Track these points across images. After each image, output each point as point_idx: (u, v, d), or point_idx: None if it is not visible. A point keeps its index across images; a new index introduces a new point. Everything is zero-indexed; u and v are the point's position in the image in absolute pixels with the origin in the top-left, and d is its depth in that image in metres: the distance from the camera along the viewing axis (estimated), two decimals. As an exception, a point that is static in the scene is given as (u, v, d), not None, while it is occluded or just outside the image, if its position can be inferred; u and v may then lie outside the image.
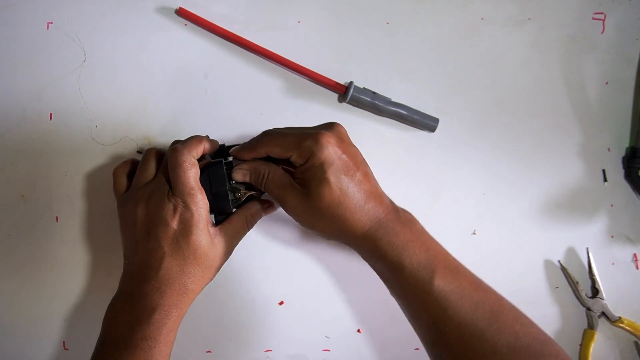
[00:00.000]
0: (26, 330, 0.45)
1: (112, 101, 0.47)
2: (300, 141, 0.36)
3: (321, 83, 0.49)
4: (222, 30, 0.48)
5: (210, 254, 0.38)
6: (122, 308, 0.37)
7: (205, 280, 0.39)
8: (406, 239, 0.36)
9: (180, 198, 0.37)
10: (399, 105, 0.48)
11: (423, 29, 0.51)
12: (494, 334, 0.34)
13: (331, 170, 0.35)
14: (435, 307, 0.35)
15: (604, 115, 0.52)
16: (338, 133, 0.37)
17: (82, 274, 0.46)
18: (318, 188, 0.36)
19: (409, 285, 0.36)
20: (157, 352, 0.36)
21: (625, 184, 0.52)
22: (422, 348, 0.48)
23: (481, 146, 0.51)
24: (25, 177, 0.46)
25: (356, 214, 0.36)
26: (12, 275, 0.45)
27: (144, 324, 0.36)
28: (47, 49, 0.47)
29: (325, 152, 0.35)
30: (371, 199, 0.37)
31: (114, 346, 0.36)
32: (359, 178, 0.36)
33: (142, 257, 0.38)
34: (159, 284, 0.36)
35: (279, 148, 0.37)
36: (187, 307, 0.38)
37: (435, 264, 0.36)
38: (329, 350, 0.47)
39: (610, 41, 0.53)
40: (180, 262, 0.37)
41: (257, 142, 0.39)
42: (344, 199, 0.36)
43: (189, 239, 0.37)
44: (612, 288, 0.50)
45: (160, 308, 0.36)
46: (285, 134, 0.37)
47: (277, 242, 0.48)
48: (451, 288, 0.35)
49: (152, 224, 0.37)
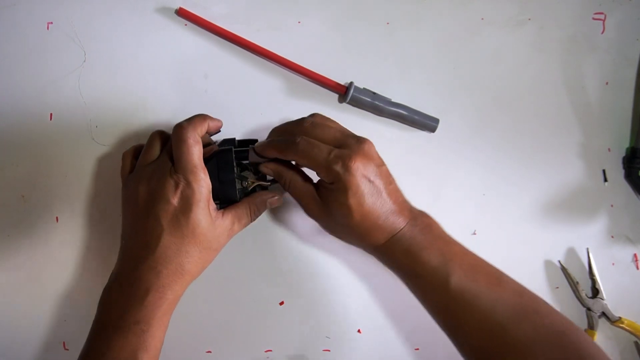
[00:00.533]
0: (26, 330, 0.45)
1: (112, 101, 0.47)
2: (330, 163, 0.36)
3: (321, 83, 0.49)
4: (222, 30, 0.48)
5: (209, 234, 0.38)
6: (116, 289, 0.37)
7: (202, 262, 0.39)
8: (421, 247, 0.37)
9: (182, 174, 0.36)
10: (399, 106, 0.48)
11: (423, 29, 0.51)
12: (514, 328, 0.34)
13: (355, 198, 0.36)
14: (454, 307, 0.36)
15: (604, 115, 0.52)
16: (368, 153, 0.37)
17: (82, 274, 0.46)
18: (339, 211, 0.37)
19: (426, 291, 0.38)
20: (150, 335, 0.35)
21: (626, 184, 0.52)
22: (422, 348, 0.48)
23: (481, 146, 0.51)
24: (25, 177, 0.46)
25: (375, 231, 0.37)
26: (12, 275, 0.45)
27: (137, 306, 0.35)
28: (47, 49, 0.47)
29: (352, 180, 0.35)
30: (392, 216, 0.37)
31: (107, 329, 0.36)
32: (382, 199, 0.37)
33: (139, 236, 0.37)
34: (155, 263, 0.36)
35: (308, 162, 0.37)
36: (182, 289, 0.38)
37: (451, 266, 0.36)
38: (329, 351, 0.47)
39: (610, 41, 0.53)
40: (178, 240, 0.36)
41: (287, 147, 0.38)
42: (363, 221, 0.36)
43: (189, 216, 0.36)
44: (612, 288, 0.50)
45: (154, 289, 0.36)
46: (316, 149, 0.37)
47: (278, 242, 0.48)
48: (467, 287, 0.36)
49: (152, 202, 0.37)
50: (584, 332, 0.36)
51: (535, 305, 0.36)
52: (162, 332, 0.37)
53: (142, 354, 0.35)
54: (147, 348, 0.35)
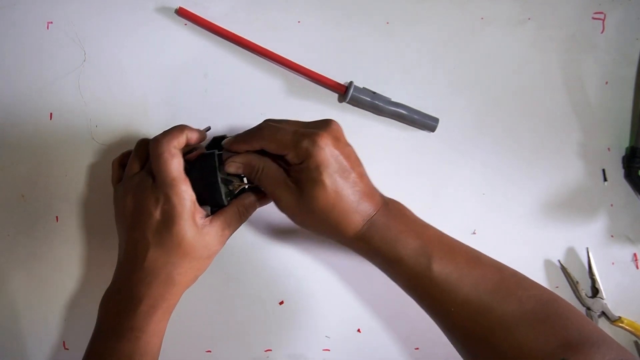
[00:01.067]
0: (26, 330, 0.45)
1: (112, 101, 0.47)
2: (297, 141, 0.35)
3: (321, 83, 0.49)
4: (222, 30, 0.48)
5: (197, 245, 0.37)
6: (112, 297, 0.38)
7: (194, 271, 0.39)
8: (398, 231, 0.36)
9: (161, 189, 0.36)
10: (399, 105, 0.48)
11: (423, 29, 0.51)
12: (498, 306, 0.34)
13: (327, 173, 0.35)
14: (438, 291, 0.35)
15: (604, 115, 0.52)
16: (335, 132, 0.37)
17: (82, 273, 0.46)
18: (313, 190, 0.35)
19: (409, 276, 0.37)
20: (145, 342, 0.36)
21: (625, 183, 0.52)
22: (422, 347, 0.48)
23: (481, 146, 0.51)
24: (25, 177, 0.46)
25: (350, 216, 0.36)
26: (12, 275, 0.45)
27: (131, 314, 0.36)
28: (47, 49, 0.47)
29: (322, 154, 0.35)
30: (364, 198, 0.36)
31: (105, 335, 0.37)
32: (353, 179, 0.36)
33: (129, 248, 0.38)
34: (144, 274, 0.37)
35: (275, 145, 0.37)
36: (176, 298, 0.38)
37: (430, 249, 0.36)
38: (329, 350, 0.47)
39: (610, 41, 0.53)
40: (164, 252, 0.36)
41: (252, 135, 0.38)
42: (339, 201, 0.35)
43: (172, 230, 0.36)
44: (612, 288, 0.50)
45: (146, 299, 0.36)
46: (281, 131, 0.36)
47: (277, 241, 0.48)
48: (449, 270, 0.35)
49: (137, 215, 0.37)
50: (567, 301, 0.36)
51: (516, 279, 0.36)
52: (158, 338, 0.38)
53: (138, 358, 0.36)
54: (143, 353, 0.36)
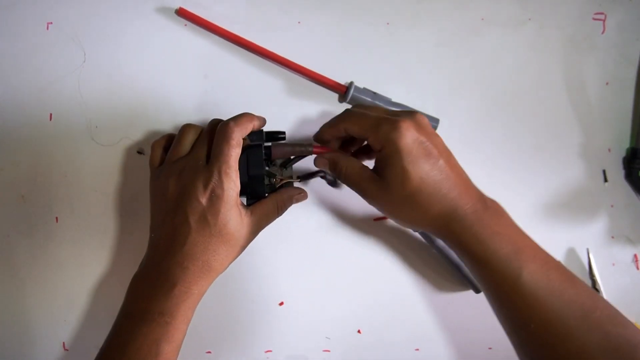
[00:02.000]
0: (26, 330, 0.45)
1: (112, 101, 0.47)
2: (378, 125, 0.35)
3: (321, 83, 0.49)
4: (223, 31, 0.48)
5: (237, 233, 0.38)
6: (144, 280, 0.37)
7: (229, 259, 0.39)
8: (492, 232, 0.35)
9: (216, 173, 0.36)
10: (399, 106, 0.48)
11: (423, 29, 0.51)
12: (583, 335, 0.32)
13: (409, 159, 0.34)
14: (522, 303, 0.34)
15: (604, 115, 0.52)
16: (418, 120, 0.36)
17: (82, 274, 0.46)
18: (396, 177, 0.35)
19: (495, 280, 0.35)
20: (174, 327, 0.36)
21: (626, 184, 0.52)
22: (422, 348, 0.48)
23: (481, 146, 0.51)
24: (25, 177, 0.46)
25: (436, 202, 0.35)
26: (12, 276, 0.45)
27: (163, 298, 0.36)
28: (47, 49, 0.47)
29: (402, 140, 0.34)
30: (455, 187, 0.35)
31: (132, 318, 0.36)
32: (441, 165, 0.35)
33: (168, 231, 0.37)
34: (182, 259, 0.36)
35: (357, 127, 0.37)
36: (208, 285, 0.38)
37: (524, 258, 0.34)
38: (329, 351, 0.47)
39: (610, 41, 0.53)
40: (206, 239, 0.37)
41: (337, 118, 0.39)
42: (424, 186, 0.35)
43: (218, 216, 0.36)
44: (612, 289, 0.50)
45: (181, 284, 0.36)
46: (365, 116, 0.37)
47: (277, 242, 0.48)
48: (540, 284, 0.33)
49: (182, 198, 0.37)
50: None
51: (609, 313, 0.34)
52: (186, 325, 0.37)
53: (165, 344, 0.35)
54: (169, 339, 0.35)
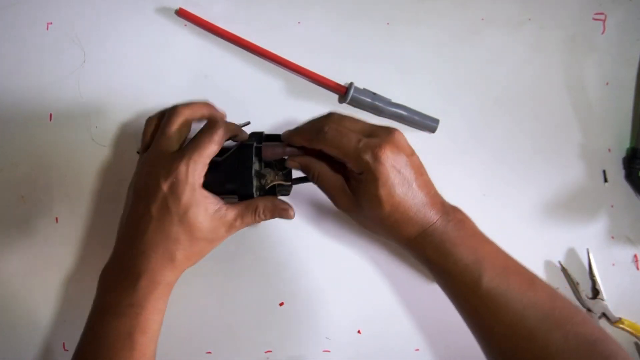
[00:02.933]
0: (26, 330, 0.45)
1: (112, 101, 0.47)
2: (360, 152, 0.36)
3: (321, 84, 0.49)
4: (222, 31, 0.48)
5: (201, 224, 0.37)
6: (112, 271, 0.38)
7: (196, 251, 0.38)
8: (452, 244, 0.36)
9: (184, 160, 0.36)
10: (399, 106, 0.48)
11: (423, 30, 0.51)
12: (543, 336, 0.34)
13: (385, 188, 0.35)
14: (484, 309, 0.35)
15: (604, 115, 0.52)
16: (398, 142, 0.37)
17: (82, 274, 0.46)
18: (369, 203, 0.36)
19: (457, 290, 0.37)
20: (144, 318, 0.36)
21: (626, 184, 0.52)
22: (422, 349, 0.48)
23: (481, 147, 0.51)
24: (25, 177, 0.46)
25: (405, 225, 0.37)
26: (12, 276, 0.45)
27: (131, 290, 0.36)
28: (47, 49, 0.47)
29: (381, 170, 0.35)
30: (422, 207, 0.36)
31: (103, 313, 0.37)
32: (413, 190, 0.36)
33: (132, 220, 0.38)
34: (144, 247, 0.36)
35: (337, 151, 0.37)
36: (174, 276, 0.38)
37: (484, 266, 0.35)
38: (329, 351, 0.47)
39: (610, 42, 0.53)
40: (166, 226, 0.36)
41: (314, 137, 0.38)
42: (393, 212, 0.36)
43: (179, 203, 0.36)
44: (612, 289, 0.50)
45: (145, 273, 0.36)
46: (345, 138, 0.36)
47: (277, 242, 0.48)
48: (499, 290, 0.35)
49: (145, 186, 0.37)
50: (617, 343, 0.35)
51: (568, 312, 0.35)
52: (158, 316, 0.37)
53: (138, 335, 0.35)
54: (143, 330, 0.35)
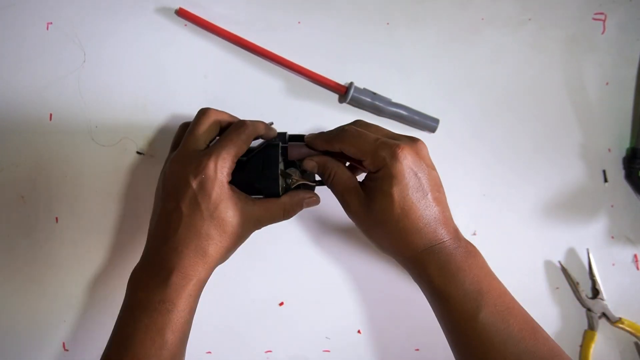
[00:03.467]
0: (26, 330, 0.45)
1: (112, 101, 0.47)
2: (377, 149, 0.35)
3: (321, 83, 0.49)
4: (222, 31, 0.48)
5: (230, 219, 0.37)
6: (143, 270, 0.37)
7: (224, 246, 0.38)
8: (458, 268, 0.34)
9: (212, 157, 0.36)
10: (399, 106, 0.48)
11: (423, 29, 0.51)
12: None
13: (399, 187, 0.34)
14: (477, 344, 0.33)
15: (604, 115, 0.52)
16: (418, 150, 0.36)
17: (82, 274, 0.46)
18: (381, 201, 0.35)
19: (453, 317, 0.35)
20: (176, 315, 0.35)
21: (626, 184, 0.52)
22: (422, 349, 0.48)
23: (481, 147, 0.51)
24: (25, 177, 0.46)
25: (413, 235, 0.35)
26: (12, 276, 0.45)
27: (162, 285, 0.35)
28: (47, 49, 0.47)
29: (398, 167, 0.34)
30: (434, 223, 0.35)
31: (134, 310, 0.36)
32: (427, 201, 0.35)
33: (162, 219, 0.38)
34: (175, 244, 0.36)
35: (355, 149, 0.37)
36: (206, 272, 0.38)
37: (485, 298, 0.34)
38: (329, 351, 0.47)
39: (610, 42, 0.53)
40: (197, 222, 0.36)
41: (334, 136, 0.38)
42: (404, 218, 0.35)
43: (209, 199, 0.36)
44: (612, 289, 0.50)
45: (177, 270, 0.36)
46: (363, 137, 0.36)
47: (278, 242, 0.48)
48: (497, 327, 0.33)
49: (174, 184, 0.37)
50: None
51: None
52: (189, 314, 0.37)
53: (169, 333, 0.35)
54: (173, 328, 0.35)
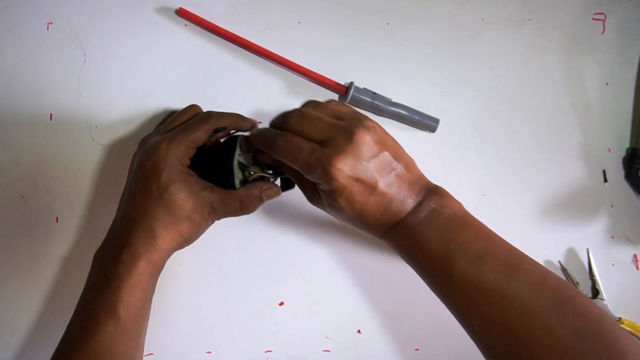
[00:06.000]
0: (26, 330, 0.45)
1: (112, 101, 0.47)
2: (311, 167, 0.33)
3: (321, 83, 0.49)
4: (223, 31, 0.48)
5: (181, 201, 0.37)
6: (102, 248, 0.39)
7: (174, 230, 0.38)
8: (423, 238, 0.34)
9: (167, 139, 0.38)
10: (399, 106, 0.48)
11: (423, 29, 0.51)
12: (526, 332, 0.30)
13: (343, 197, 0.34)
14: (460, 303, 0.34)
15: (604, 115, 0.52)
16: (356, 149, 0.33)
17: (82, 274, 0.46)
18: (332, 208, 0.36)
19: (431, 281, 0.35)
20: (126, 293, 0.36)
21: (626, 184, 0.52)
22: (422, 348, 0.48)
23: (481, 147, 0.51)
24: (25, 177, 0.46)
25: (372, 226, 0.36)
26: (12, 275, 0.45)
27: (114, 263, 0.37)
28: (47, 49, 0.47)
29: (334, 184, 0.33)
30: (392, 206, 0.35)
31: (90, 287, 0.38)
32: (376, 195, 0.34)
33: (122, 199, 0.40)
34: (128, 223, 0.38)
35: (290, 162, 0.35)
36: (158, 254, 0.38)
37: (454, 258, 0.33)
38: (329, 351, 0.47)
39: (610, 42, 0.53)
40: (147, 203, 0.37)
41: (269, 145, 0.36)
42: (358, 217, 0.35)
43: (159, 180, 0.37)
44: (612, 289, 0.50)
45: (127, 248, 0.37)
46: (297, 149, 0.34)
47: (277, 242, 0.48)
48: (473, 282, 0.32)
49: (135, 166, 0.39)
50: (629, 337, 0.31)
51: (555, 299, 0.31)
52: (141, 292, 0.37)
53: (122, 310, 0.36)
54: (126, 305, 0.36)
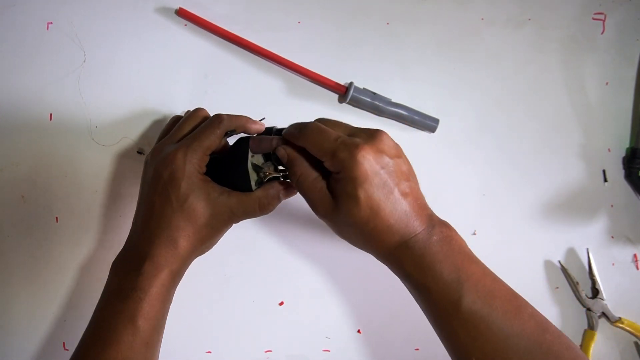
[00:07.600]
0: (26, 330, 0.45)
1: (112, 101, 0.47)
2: (336, 150, 0.34)
3: (321, 83, 0.49)
4: (223, 31, 0.48)
5: (201, 210, 0.37)
6: (121, 258, 0.39)
7: (196, 238, 0.38)
8: (434, 259, 0.33)
9: (183, 148, 0.37)
10: (399, 106, 0.48)
11: (423, 29, 0.51)
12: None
13: (363, 188, 0.33)
14: (463, 334, 0.33)
15: (604, 115, 0.52)
16: (379, 145, 0.34)
17: (82, 274, 0.46)
18: (347, 203, 0.34)
19: (436, 310, 0.34)
20: (147, 304, 0.36)
21: (626, 184, 0.52)
22: (422, 348, 0.48)
23: (481, 146, 0.51)
24: (25, 177, 0.46)
25: (384, 234, 0.34)
26: (12, 276, 0.45)
27: (135, 273, 0.36)
28: (47, 49, 0.47)
29: (358, 169, 0.33)
30: (405, 218, 0.34)
31: (109, 296, 0.37)
32: (395, 196, 0.34)
33: (139, 208, 0.39)
34: (149, 233, 0.37)
35: (315, 148, 0.35)
36: (179, 264, 0.38)
37: (466, 286, 0.33)
38: (329, 351, 0.47)
39: (610, 41, 0.53)
40: (168, 213, 0.37)
41: (299, 132, 0.37)
42: (373, 218, 0.34)
43: (178, 190, 0.37)
44: (612, 288, 0.50)
45: (149, 259, 0.36)
46: (324, 134, 0.35)
47: (278, 242, 0.48)
48: (481, 314, 0.32)
49: (150, 175, 0.38)
50: None
51: (558, 347, 0.32)
52: (162, 303, 0.37)
53: (142, 320, 0.35)
54: (146, 315, 0.36)
